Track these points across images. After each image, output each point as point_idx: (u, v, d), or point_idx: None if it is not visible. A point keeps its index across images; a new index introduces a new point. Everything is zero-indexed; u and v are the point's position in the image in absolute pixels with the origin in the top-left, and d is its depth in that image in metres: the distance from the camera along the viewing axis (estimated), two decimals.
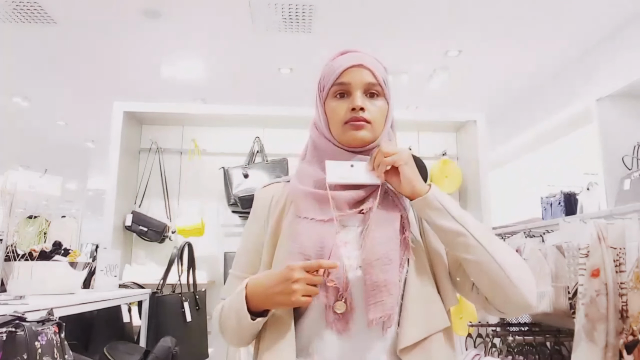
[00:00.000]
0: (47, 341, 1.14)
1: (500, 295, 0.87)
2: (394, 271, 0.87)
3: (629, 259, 1.66)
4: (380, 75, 0.97)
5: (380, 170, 0.92)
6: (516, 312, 0.91)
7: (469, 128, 2.97)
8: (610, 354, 1.67)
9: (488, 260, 0.86)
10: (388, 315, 0.85)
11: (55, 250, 1.78)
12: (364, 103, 0.94)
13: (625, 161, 2.34)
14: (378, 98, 0.97)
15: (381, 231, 0.89)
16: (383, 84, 0.97)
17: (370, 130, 0.95)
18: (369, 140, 0.96)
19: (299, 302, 0.85)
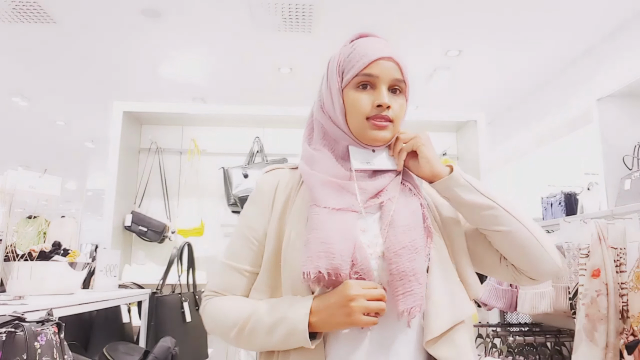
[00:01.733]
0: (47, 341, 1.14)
1: (533, 262, 0.89)
2: (421, 260, 0.84)
3: (630, 259, 1.66)
4: (406, 71, 0.95)
5: (400, 156, 0.93)
6: (547, 277, 0.93)
7: (469, 128, 2.96)
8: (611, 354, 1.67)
9: (519, 229, 0.88)
10: (419, 305, 0.81)
11: (54, 251, 1.78)
12: (390, 100, 0.91)
13: (625, 161, 2.34)
14: (400, 95, 0.95)
15: (405, 219, 0.87)
16: (407, 81, 0.95)
17: (391, 130, 0.93)
18: (389, 139, 0.94)
19: (361, 322, 0.79)
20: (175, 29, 4.03)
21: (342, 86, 0.94)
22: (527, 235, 0.88)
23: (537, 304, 1.99)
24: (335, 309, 0.80)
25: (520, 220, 0.88)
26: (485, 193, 0.90)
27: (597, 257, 1.72)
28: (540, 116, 4.90)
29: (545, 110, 4.81)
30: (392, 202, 0.89)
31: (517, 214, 0.89)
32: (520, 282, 0.94)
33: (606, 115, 2.71)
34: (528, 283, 0.95)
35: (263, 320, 0.84)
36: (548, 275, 0.92)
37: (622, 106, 2.72)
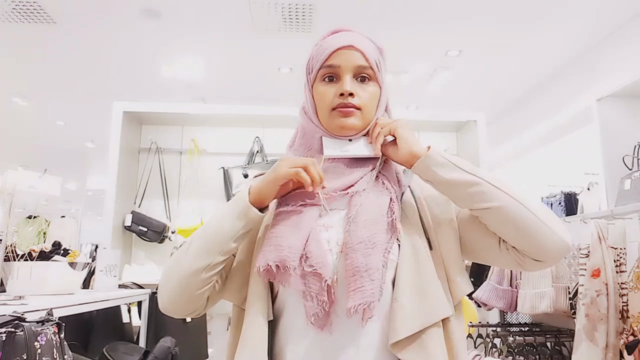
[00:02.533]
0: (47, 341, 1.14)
1: (532, 239, 0.80)
2: (377, 255, 0.79)
3: (630, 259, 1.66)
4: (373, 57, 0.90)
5: (378, 142, 0.88)
6: (554, 256, 0.82)
7: (469, 128, 2.96)
8: (611, 354, 1.67)
9: (512, 203, 0.80)
10: (368, 302, 0.76)
11: (54, 251, 1.78)
12: (354, 88, 0.88)
13: (625, 161, 2.33)
14: (369, 82, 0.91)
15: (366, 214, 0.83)
16: (375, 67, 0.90)
17: (360, 117, 0.90)
18: (358, 127, 0.90)
19: (285, 172, 0.82)
20: (175, 29, 4.03)
21: (311, 83, 0.95)
22: (521, 210, 0.80)
23: (537, 304, 1.99)
24: (267, 174, 0.85)
25: (511, 194, 0.81)
26: (467, 169, 0.84)
27: (597, 257, 1.72)
28: (540, 116, 4.90)
29: (545, 110, 4.81)
30: (359, 196, 0.86)
31: (505, 187, 0.82)
32: (526, 266, 0.84)
33: (606, 115, 2.71)
34: (535, 267, 0.85)
35: (211, 220, 0.86)
36: (554, 254, 0.81)
37: (622, 106, 2.72)
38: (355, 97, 0.89)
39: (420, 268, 0.83)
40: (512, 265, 0.87)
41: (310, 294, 0.79)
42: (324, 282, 0.78)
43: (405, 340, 0.77)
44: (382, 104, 0.94)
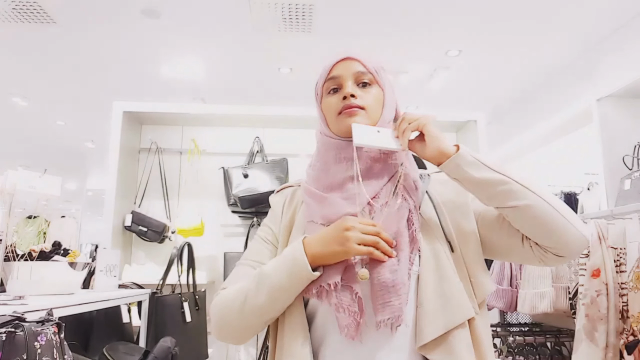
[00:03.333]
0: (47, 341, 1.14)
1: (558, 236, 0.84)
2: (403, 271, 0.83)
3: (630, 259, 1.66)
4: (371, 64, 0.95)
5: (405, 136, 0.90)
6: (576, 252, 0.87)
7: (470, 128, 2.96)
8: (611, 354, 1.67)
9: (539, 202, 0.84)
10: (396, 316, 0.81)
11: (54, 251, 1.78)
12: (355, 90, 0.93)
13: (625, 161, 2.33)
14: (371, 86, 0.95)
15: (391, 228, 0.86)
16: (374, 72, 0.95)
17: (365, 116, 0.92)
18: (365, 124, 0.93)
19: (355, 249, 0.82)
20: (175, 29, 4.03)
21: (319, 100, 1.00)
22: (548, 208, 0.83)
23: (537, 304, 1.99)
24: (330, 238, 0.84)
25: (538, 193, 0.84)
26: (496, 168, 0.87)
27: (597, 257, 1.72)
28: (540, 116, 4.90)
29: (545, 110, 4.81)
30: (383, 208, 0.89)
31: (533, 187, 0.85)
32: (547, 261, 0.88)
33: (606, 115, 2.71)
34: (556, 262, 0.89)
35: (265, 269, 0.88)
36: (577, 249, 0.86)
37: (622, 106, 2.72)
38: (357, 98, 0.92)
39: (441, 273, 0.86)
40: (533, 261, 0.90)
41: (342, 306, 0.82)
42: (354, 295, 0.82)
43: (432, 342, 0.82)
44: (389, 105, 0.97)
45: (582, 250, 0.87)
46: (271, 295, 0.85)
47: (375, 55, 0.99)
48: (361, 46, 4.26)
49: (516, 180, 0.85)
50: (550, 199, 0.85)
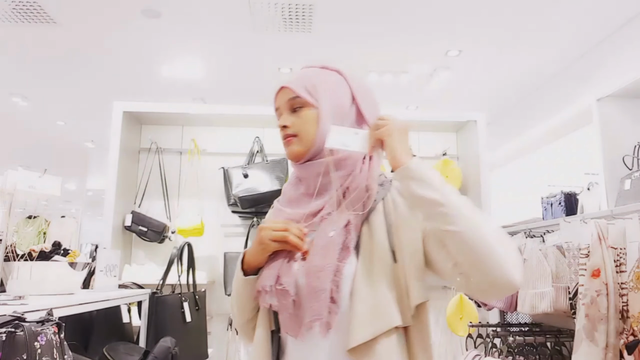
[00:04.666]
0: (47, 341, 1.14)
1: (485, 274, 0.82)
2: (325, 279, 0.89)
3: (630, 259, 1.66)
4: (300, 87, 1.00)
5: (370, 143, 0.95)
6: (498, 290, 0.84)
7: (469, 128, 2.97)
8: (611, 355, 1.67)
9: (470, 230, 0.82)
10: (319, 320, 0.88)
11: (54, 251, 1.78)
12: (286, 120, 1.01)
13: (625, 161, 2.34)
14: (303, 109, 1.00)
15: (323, 239, 0.93)
16: (305, 94, 0.99)
17: (298, 143, 1.00)
18: (299, 152, 1.00)
19: (268, 244, 0.94)
20: (176, 29, 4.03)
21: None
22: (478, 238, 0.82)
23: (537, 304, 1.99)
24: (255, 242, 0.99)
25: (472, 221, 0.83)
26: (439, 189, 0.86)
27: (597, 257, 1.72)
28: (540, 116, 4.90)
29: (545, 111, 4.81)
30: (323, 220, 0.96)
31: (469, 214, 0.84)
32: (471, 293, 0.91)
33: (606, 115, 2.71)
34: (480, 297, 0.91)
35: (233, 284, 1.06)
36: (499, 289, 0.83)
37: (622, 106, 2.72)
38: (289, 128, 1.00)
39: (374, 281, 0.90)
40: (459, 288, 0.94)
41: (281, 307, 0.93)
42: (290, 298, 0.91)
43: (360, 347, 0.86)
44: (323, 121, 0.99)
45: (507, 293, 0.85)
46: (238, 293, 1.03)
47: (314, 72, 1.03)
48: (362, 46, 4.26)
49: (454, 203, 0.85)
50: (485, 230, 0.83)
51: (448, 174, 2.90)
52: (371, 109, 1.05)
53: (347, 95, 1.02)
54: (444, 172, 2.90)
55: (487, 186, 2.79)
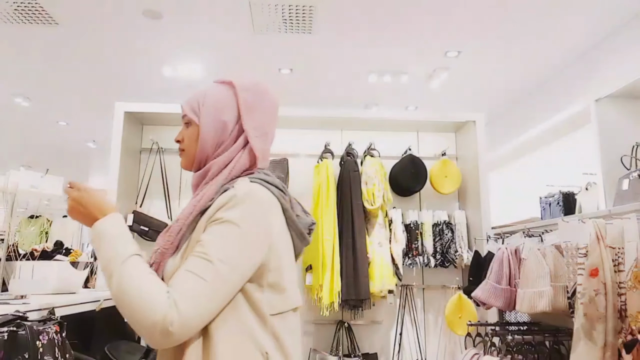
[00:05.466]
0: (49, 340, 1.15)
1: (132, 323, 0.88)
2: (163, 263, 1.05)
3: (628, 258, 1.67)
4: (188, 106, 1.10)
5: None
6: (154, 340, 0.87)
7: (469, 128, 2.98)
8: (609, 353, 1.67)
9: (115, 291, 0.90)
10: None
11: (56, 250, 1.79)
12: (179, 135, 1.12)
13: (623, 161, 2.34)
14: (190, 126, 1.10)
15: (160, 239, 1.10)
16: (190, 113, 1.09)
17: (184, 156, 1.11)
18: (185, 165, 1.12)
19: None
20: (177, 30, 4.04)
21: None
22: (120, 295, 0.89)
23: (536, 303, 2.00)
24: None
25: (117, 279, 0.90)
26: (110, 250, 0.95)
27: (596, 256, 1.73)
28: (538, 117, 4.91)
29: (544, 111, 4.82)
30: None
31: (117, 275, 0.90)
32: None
33: (604, 115, 2.72)
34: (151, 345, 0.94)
35: None
36: (153, 338, 0.86)
37: (621, 107, 2.72)
38: (181, 143, 1.12)
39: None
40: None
41: None
42: None
43: None
44: (205, 137, 1.07)
45: (160, 333, 0.85)
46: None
47: (206, 90, 1.12)
48: (362, 47, 4.27)
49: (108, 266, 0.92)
50: (126, 286, 0.89)
51: (447, 174, 2.91)
52: (258, 123, 1.09)
53: (232, 111, 1.08)
54: (443, 172, 2.91)
55: (486, 186, 2.80)
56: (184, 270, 0.91)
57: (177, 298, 0.86)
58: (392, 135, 3.05)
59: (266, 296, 0.96)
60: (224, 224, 0.93)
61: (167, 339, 0.85)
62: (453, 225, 2.87)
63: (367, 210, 2.73)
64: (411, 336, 2.87)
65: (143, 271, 0.92)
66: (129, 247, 0.96)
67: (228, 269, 0.90)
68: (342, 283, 2.61)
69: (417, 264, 2.80)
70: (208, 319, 0.90)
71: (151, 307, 0.85)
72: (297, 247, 1.09)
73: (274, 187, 1.03)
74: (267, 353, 0.92)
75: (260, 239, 0.95)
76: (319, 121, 2.99)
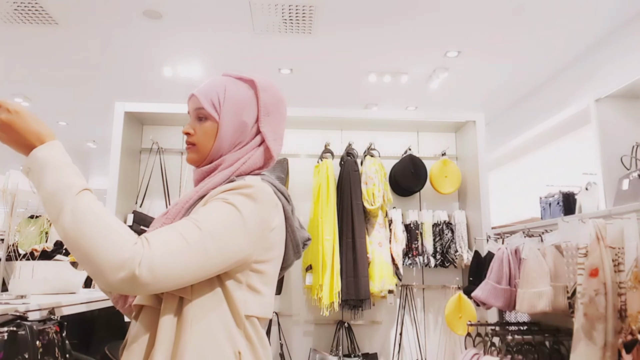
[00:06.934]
0: (49, 340, 1.15)
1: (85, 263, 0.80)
2: None
3: (628, 258, 1.67)
4: (207, 99, 1.02)
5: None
6: (111, 282, 0.78)
7: (469, 128, 2.98)
8: (609, 353, 1.67)
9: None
10: None
11: (56, 250, 1.79)
12: (191, 128, 1.04)
13: (623, 161, 2.35)
14: (206, 121, 1.03)
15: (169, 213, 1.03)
16: (209, 107, 1.01)
17: (195, 152, 1.04)
18: (194, 159, 1.05)
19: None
20: (177, 30, 4.04)
21: None
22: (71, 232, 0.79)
23: (536, 303, 2.00)
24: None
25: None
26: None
27: (596, 256, 1.73)
28: (538, 116, 4.91)
29: (544, 111, 4.82)
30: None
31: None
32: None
33: (604, 115, 2.72)
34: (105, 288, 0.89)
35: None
36: (111, 280, 0.77)
37: (621, 107, 2.73)
38: (192, 136, 1.04)
39: None
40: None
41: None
42: None
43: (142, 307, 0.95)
44: (221, 138, 1.02)
45: (124, 273, 0.76)
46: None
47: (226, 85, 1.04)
48: (362, 47, 4.27)
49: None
50: (85, 218, 0.79)
51: (447, 174, 2.91)
52: (274, 127, 1.07)
53: (252, 112, 1.05)
54: (444, 172, 2.91)
55: (486, 186, 2.80)
56: (170, 225, 0.86)
57: (151, 241, 0.80)
58: (392, 135, 3.05)
59: (243, 294, 0.93)
60: (227, 204, 0.90)
61: (131, 283, 0.77)
62: (453, 225, 2.87)
63: (367, 210, 2.73)
64: (411, 336, 2.87)
65: (104, 208, 0.83)
66: (82, 180, 0.86)
67: (214, 245, 0.85)
68: (342, 283, 2.61)
69: (417, 264, 2.80)
70: (175, 283, 0.83)
71: (117, 242, 0.78)
72: (289, 259, 1.06)
73: (281, 194, 1.02)
74: (240, 353, 0.89)
75: (255, 233, 0.92)
76: (319, 121, 2.99)
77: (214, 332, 0.89)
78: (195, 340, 0.87)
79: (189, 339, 0.86)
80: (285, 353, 2.72)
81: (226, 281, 0.92)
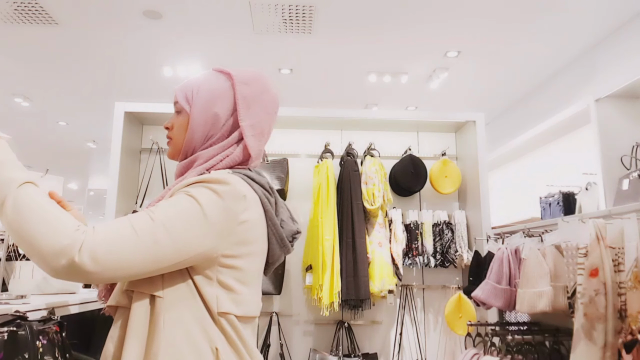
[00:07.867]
0: (49, 340, 1.15)
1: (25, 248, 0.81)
2: None
3: (628, 258, 1.67)
4: (181, 93, 1.05)
5: None
6: (54, 267, 0.78)
7: (469, 128, 2.98)
8: (609, 354, 1.67)
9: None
10: None
11: None
12: (169, 123, 1.08)
13: (623, 161, 2.35)
14: (180, 115, 1.06)
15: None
16: (182, 101, 1.04)
17: (172, 145, 1.08)
18: (171, 154, 1.09)
19: None
20: (177, 30, 4.04)
21: None
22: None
23: (536, 303, 2.00)
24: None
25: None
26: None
27: (596, 256, 1.73)
28: (538, 117, 4.91)
29: (544, 111, 4.82)
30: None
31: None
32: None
33: (604, 115, 2.72)
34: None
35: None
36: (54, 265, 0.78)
37: (621, 107, 2.73)
38: (170, 130, 1.08)
39: None
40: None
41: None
42: None
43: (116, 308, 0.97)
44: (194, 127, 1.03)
45: (65, 259, 0.77)
46: None
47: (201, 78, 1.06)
48: (362, 47, 4.27)
49: None
50: (26, 207, 0.80)
51: (447, 174, 2.91)
52: (255, 121, 1.05)
53: (226, 104, 1.03)
54: (443, 172, 2.91)
55: (486, 186, 2.80)
56: (125, 217, 0.86)
57: (97, 229, 0.80)
58: (392, 135, 3.05)
59: (215, 291, 0.91)
60: (187, 196, 0.89)
61: (73, 270, 0.77)
62: (453, 225, 2.87)
63: (367, 210, 2.73)
64: (411, 336, 2.87)
65: (46, 198, 0.83)
66: (25, 174, 0.85)
67: (166, 237, 0.84)
68: (342, 283, 2.61)
69: (417, 264, 2.80)
70: (124, 273, 0.82)
71: (56, 229, 0.78)
72: (275, 254, 1.03)
73: (258, 186, 1.00)
74: (217, 349, 0.88)
75: (218, 226, 0.89)
76: (319, 121, 2.99)
77: (187, 328, 0.88)
78: (168, 335, 0.87)
79: (162, 334, 0.86)
80: (285, 353, 2.72)
81: (194, 276, 0.91)
